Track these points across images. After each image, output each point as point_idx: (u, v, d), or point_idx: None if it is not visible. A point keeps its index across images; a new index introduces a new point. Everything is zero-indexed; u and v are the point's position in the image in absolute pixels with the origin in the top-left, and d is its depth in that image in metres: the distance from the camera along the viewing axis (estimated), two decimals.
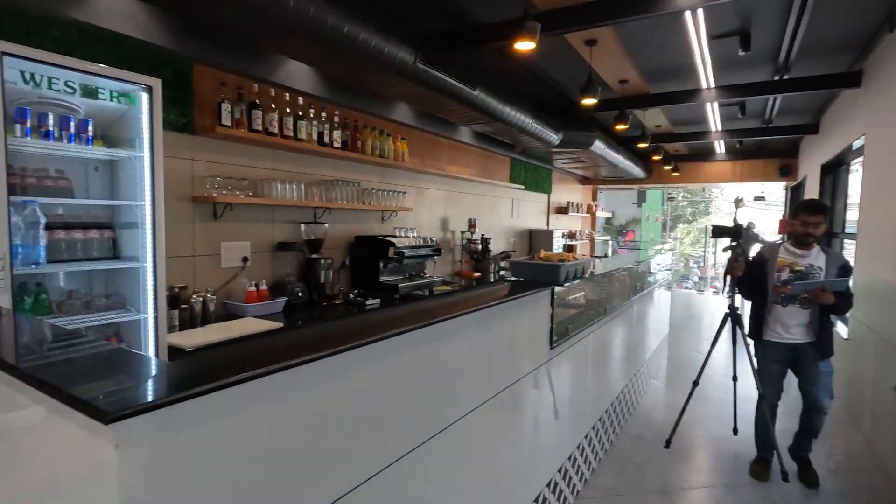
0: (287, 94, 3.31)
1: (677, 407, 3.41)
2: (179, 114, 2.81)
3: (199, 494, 0.78)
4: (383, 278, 3.92)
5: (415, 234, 4.43)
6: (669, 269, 6.43)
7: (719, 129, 6.99)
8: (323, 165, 3.78)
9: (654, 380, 4.79)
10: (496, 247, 6.12)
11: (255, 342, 2.40)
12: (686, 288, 18.29)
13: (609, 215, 13.79)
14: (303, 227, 3.57)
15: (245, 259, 3.23)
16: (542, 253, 2.50)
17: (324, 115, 3.57)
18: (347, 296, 3.65)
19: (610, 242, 11.53)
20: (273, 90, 3.22)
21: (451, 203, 5.45)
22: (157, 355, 2.23)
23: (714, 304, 10.93)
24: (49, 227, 2.04)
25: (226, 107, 2.89)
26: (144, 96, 2.14)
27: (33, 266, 1.92)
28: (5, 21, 2.13)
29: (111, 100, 2.15)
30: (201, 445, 0.79)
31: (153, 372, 0.86)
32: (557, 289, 2.22)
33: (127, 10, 2.45)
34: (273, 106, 3.18)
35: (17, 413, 0.90)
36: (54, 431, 0.80)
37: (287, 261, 3.54)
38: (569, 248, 7.65)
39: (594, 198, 10.34)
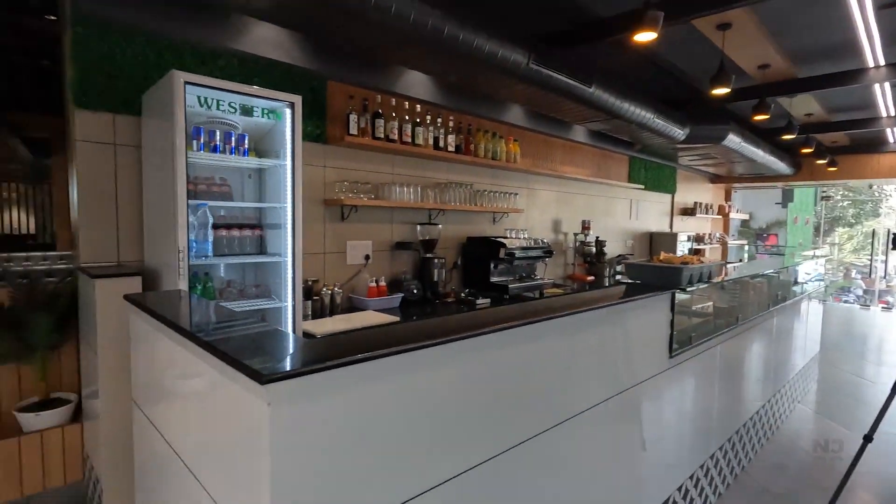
0: (406, 103, 3.52)
1: (828, 437, 2.94)
2: (315, 126, 3.15)
3: (330, 446, 0.90)
4: (494, 279, 3.97)
5: (526, 236, 4.41)
6: (822, 279, 5.57)
7: (892, 114, 5.89)
8: (437, 169, 3.96)
9: (800, 404, 4.20)
10: (612, 250, 5.84)
11: (377, 331, 2.60)
12: (846, 302, 15.64)
13: (746, 217, 12.32)
14: (418, 227, 3.77)
15: (367, 257, 3.50)
16: (663, 255, 2.35)
17: (439, 120, 3.73)
18: (459, 294, 3.77)
19: (746, 247, 10.31)
20: (394, 100, 3.46)
21: (564, 204, 5.33)
22: None
23: (885, 322, 9.20)
24: (214, 226, 2.43)
25: (353, 118, 3.17)
26: (288, 112, 2.45)
27: (203, 258, 2.30)
28: (185, 55, 2.58)
29: (262, 116, 2.49)
30: (333, 408, 0.90)
31: (299, 348, 1.00)
32: (679, 293, 2.07)
33: (275, 39, 2.82)
34: (394, 115, 3.41)
35: (194, 372, 1.10)
36: (222, 389, 0.96)
37: (404, 259, 3.76)
38: (695, 253, 7.01)
39: (727, 198, 9.35)
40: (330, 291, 3.13)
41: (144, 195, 2.47)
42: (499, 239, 3.93)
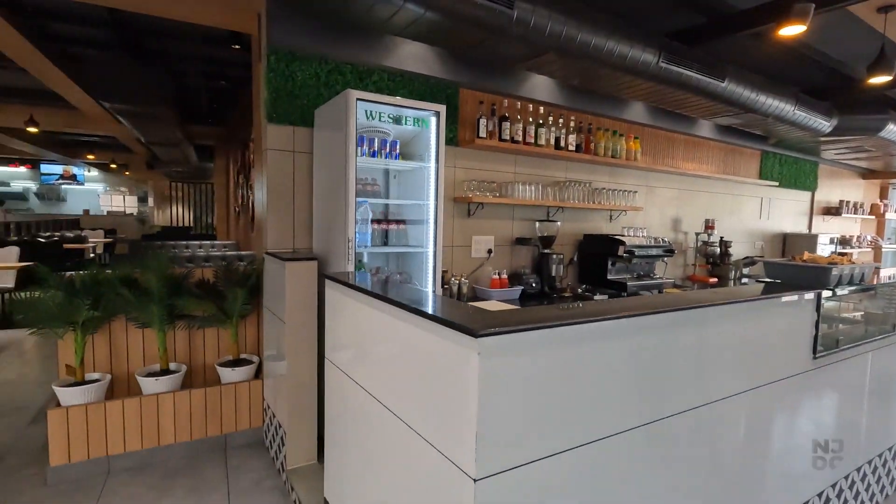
0: (530, 106, 3.71)
1: None
2: (448, 130, 3.46)
3: (523, 393, 1.14)
4: (611, 276, 4.02)
5: (644, 234, 4.38)
6: None
7: None
8: (557, 167, 4.09)
9: None
10: (738, 251, 5.50)
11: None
12: None
13: None
14: (537, 224, 3.94)
15: (489, 251, 3.76)
16: (806, 255, 2.28)
17: (560, 120, 3.87)
18: (575, 290, 3.88)
19: None
20: (519, 103, 3.66)
21: (685, 202, 5.15)
22: None
23: None
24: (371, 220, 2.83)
25: (483, 122, 3.43)
26: (433, 119, 2.77)
27: (363, 248, 2.71)
28: (347, 74, 3.02)
29: (410, 124, 2.84)
30: (527, 363, 1.13)
31: (493, 314, 1.25)
32: (826, 294, 2.03)
33: (418, 54, 3.18)
34: (518, 117, 3.62)
35: (403, 333, 1.41)
36: (433, 345, 1.25)
37: (523, 254, 3.96)
38: (840, 256, 6.30)
39: (883, 196, 8.20)
40: (458, 281, 3.43)
41: (314, 194, 2.95)
42: (618, 236, 3.97)
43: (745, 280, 5.05)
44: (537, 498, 1.19)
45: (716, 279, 4.92)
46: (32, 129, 7.50)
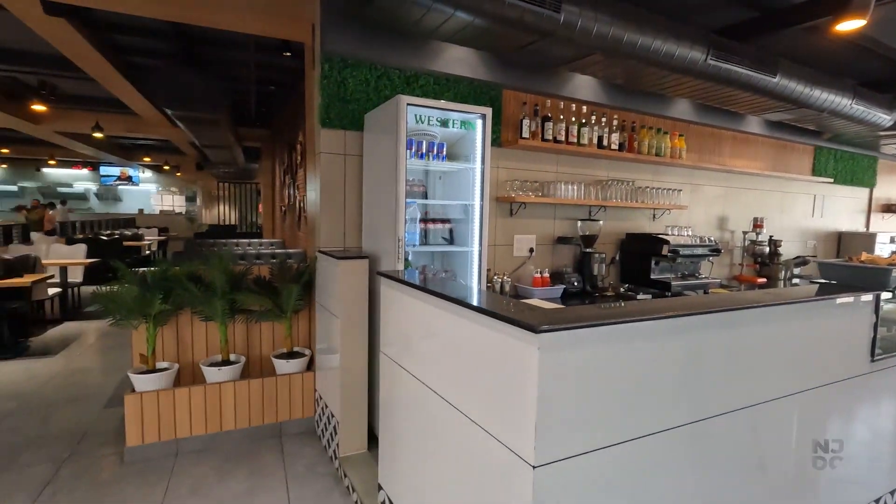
0: (573, 105, 3.72)
1: None
2: (492, 131, 3.52)
3: (579, 385, 1.20)
4: (654, 276, 3.98)
5: (689, 233, 4.31)
6: None
7: None
8: (599, 166, 4.08)
9: None
10: (788, 251, 5.32)
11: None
12: None
13: None
14: (579, 223, 3.95)
15: (531, 250, 3.80)
16: (864, 255, 2.23)
17: (603, 119, 3.86)
18: (617, 289, 3.87)
19: None
20: (562, 103, 3.68)
21: (731, 200, 5.02)
22: None
23: None
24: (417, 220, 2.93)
25: (526, 122, 3.48)
26: (479, 122, 2.84)
27: (410, 247, 2.81)
28: (395, 79, 3.13)
29: (456, 127, 2.92)
30: (583, 357, 1.20)
31: (551, 311, 1.32)
32: (885, 295, 1.98)
33: (463, 58, 3.25)
34: (561, 117, 3.64)
35: (462, 328, 1.49)
36: (493, 340, 1.33)
37: (564, 253, 3.98)
38: None
39: None
40: (500, 280, 3.49)
41: (364, 195, 3.07)
42: (661, 235, 3.93)
43: (795, 281, 4.89)
44: (588, 488, 1.25)
45: (764, 279, 4.78)
46: (98, 135, 8.03)
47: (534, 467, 1.15)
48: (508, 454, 1.23)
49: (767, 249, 4.91)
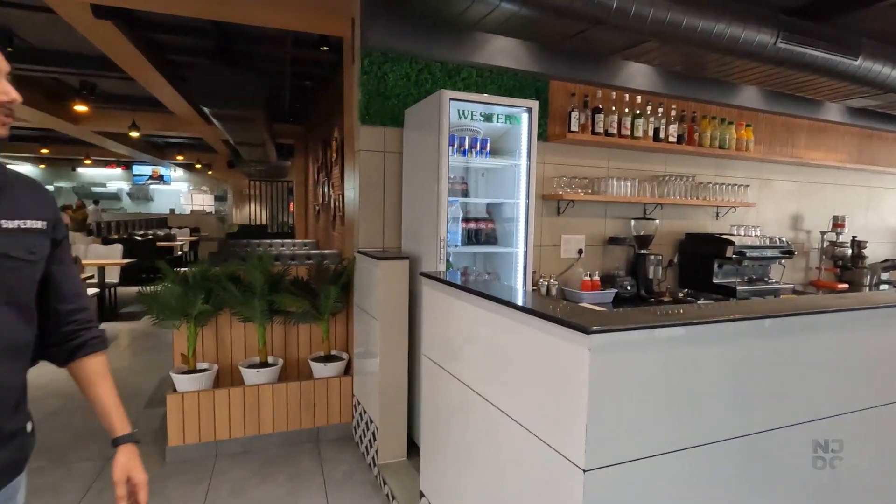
0: (626, 96, 3.73)
1: None
2: (538, 125, 3.58)
3: (629, 392, 1.26)
4: (717, 280, 3.92)
5: (759, 233, 4.21)
6: None
7: None
8: (655, 161, 4.06)
9: None
10: (875, 253, 5.08)
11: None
12: None
13: None
14: (633, 222, 3.94)
15: (580, 251, 3.83)
16: None
17: (660, 110, 3.84)
18: (676, 294, 3.84)
19: None
20: (614, 93, 3.69)
21: (807, 197, 4.86)
22: None
23: None
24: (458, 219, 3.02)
25: (574, 114, 3.51)
26: (525, 116, 2.91)
27: (452, 247, 2.91)
28: (436, 72, 3.24)
29: (501, 121, 3.00)
30: (634, 360, 1.25)
31: (600, 314, 1.38)
32: None
33: (507, 48, 3.33)
34: (613, 108, 3.65)
35: (510, 331, 1.57)
36: (542, 342, 1.40)
37: (616, 255, 3.98)
38: None
39: None
40: (546, 282, 3.54)
41: (404, 193, 3.20)
42: (726, 236, 3.87)
43: (883, 286, 4.68)
44: (638, 497, 1.30)
45: (846, 285, 4.60)
46: (134, 133, 8.57)
47: (584, 471, 1.21)
48: (558, 458, 1.30)
49: (850, 251, 4.72)
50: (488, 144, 2.99)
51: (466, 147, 2.92)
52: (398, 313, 2.82)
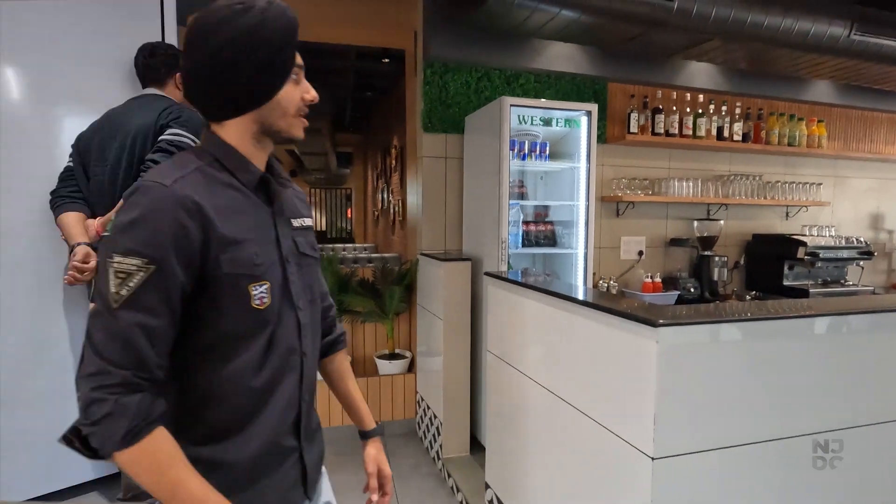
0: (688, 95, 3.67)
1: None
2: (596, 127, 3.60)
3: (695, 385, 1.30)
4: (788, 282, 3.78)
5: (833, 233, 4.02)
6: None
7: None
8: (719, 160, 3.96)
9: None
10: None
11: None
12: None
13: None
14: (695, 223, 3.87)
15: (640, 252, 3.80)
16: None
17: (724, 108, 3.75)
18: (742, 297, 3.73)
19: None
20: (675, 93, 3.65)
21: (888, 195, 4.58)
22: None
23: None
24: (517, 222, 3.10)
25: (634, 116, 3.50)
26: (584, 119, 2.95)
27: (512, 249, 2.98)
28: (495, 80, 3.34)
29: (560, 125, 3.05)
30: (700, 354, 1.29)
31: (667, 308, 1.43)
32: None
33: (564, 53, 3.38)
34: (674, 108, 3.61)
35: (576, 327, 1.64)
36: (609, 337, 1.46)
37: (678, 256, 3.92)
38: None
39: None
40: (606, 284, 3.54)
41: (465, 197, 3.30)
42: (797, 236, 3.72)
43: None
44: (704, 487, 1.32)
45: None
46: None
47: (653, 459, 1.26)
48: (626, 447, 1.35)
49: None
50: (547, 148, 3.05)
51: (526, 151, 2.99)
52: (461, 313, 2.93)
